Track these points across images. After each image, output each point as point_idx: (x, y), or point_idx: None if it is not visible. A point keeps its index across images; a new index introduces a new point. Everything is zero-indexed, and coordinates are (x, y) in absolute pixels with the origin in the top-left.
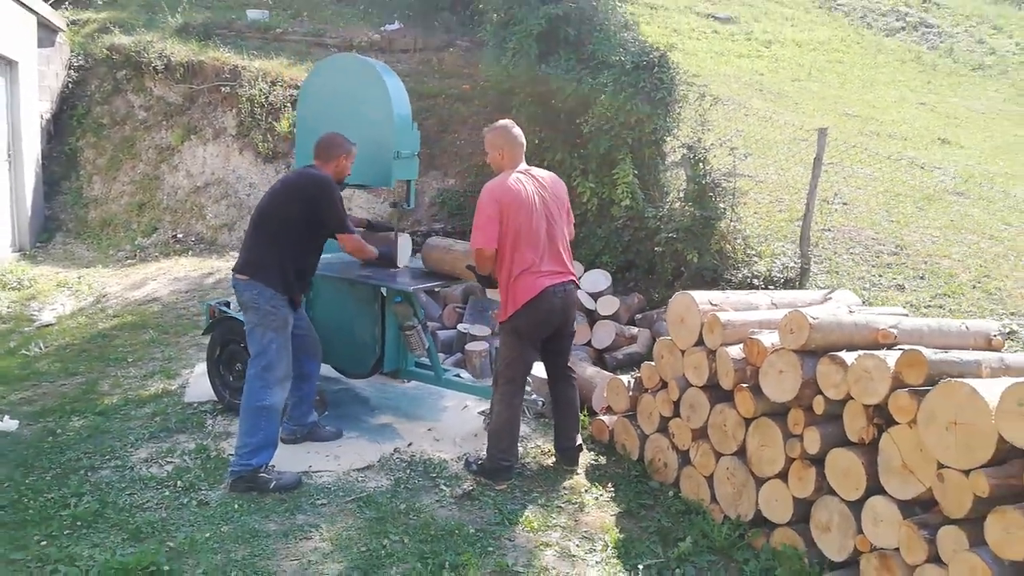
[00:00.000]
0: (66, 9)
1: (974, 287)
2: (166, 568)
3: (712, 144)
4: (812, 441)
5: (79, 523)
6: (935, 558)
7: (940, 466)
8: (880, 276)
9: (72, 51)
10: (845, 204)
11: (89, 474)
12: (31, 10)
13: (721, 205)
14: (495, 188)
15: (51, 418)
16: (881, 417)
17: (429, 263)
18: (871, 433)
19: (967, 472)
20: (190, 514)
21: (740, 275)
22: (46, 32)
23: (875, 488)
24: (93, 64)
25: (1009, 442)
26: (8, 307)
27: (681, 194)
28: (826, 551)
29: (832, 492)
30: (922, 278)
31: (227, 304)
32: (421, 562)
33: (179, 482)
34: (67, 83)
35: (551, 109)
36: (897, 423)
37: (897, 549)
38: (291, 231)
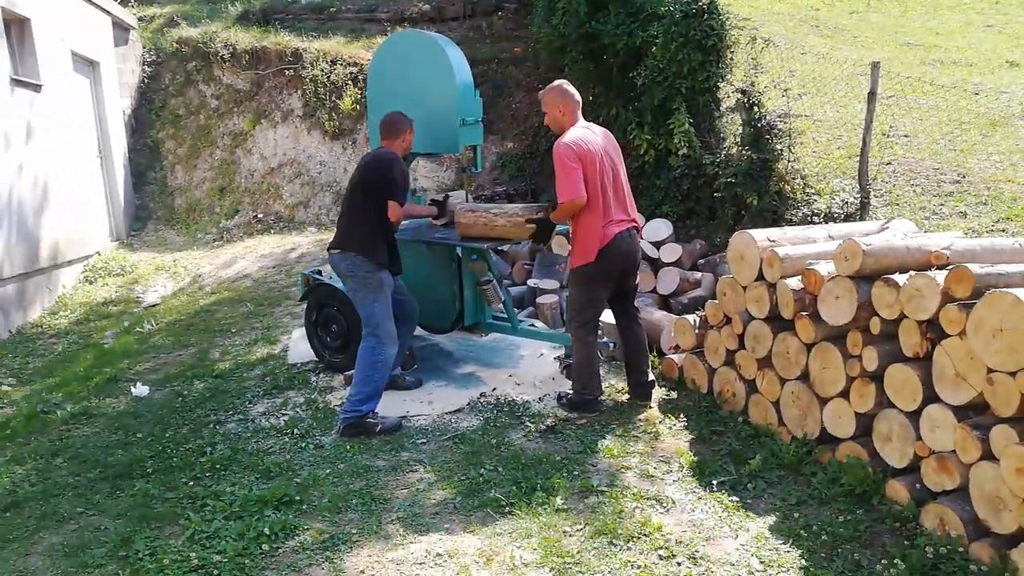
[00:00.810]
0: (132, 6)
1: None
2: (297, 498)
3: (766, 87)
4: (870, 359)
5: (217, 467)
6: (988, 455)
7: (989, 371)
8: (942, 205)
9: (144, 47)
10: (906, 136)
11: (218, 427)
12: (105, 11)
13: (778, 146)
14: (573, 142)
15: (176, 383)
16: (933, 331)
17: (464, 230)
18: (925, 347)
19: (1013, 374)
20: (309, 456)
21: (800, 214)
22: (119, 31)
23: (931, 397)
24: (164, 58)
25: None
26: (116, 292)
27: (737, 139)
28: (888, 459)
29: (891, 405)
30: (985, 204)
31: (319, 272)
32: (516, 486)
33: (295, 430)
34: (142, 78)
35: (603, 65)
36: (948, 335)
37: (953, 451)
38: (369, 205)
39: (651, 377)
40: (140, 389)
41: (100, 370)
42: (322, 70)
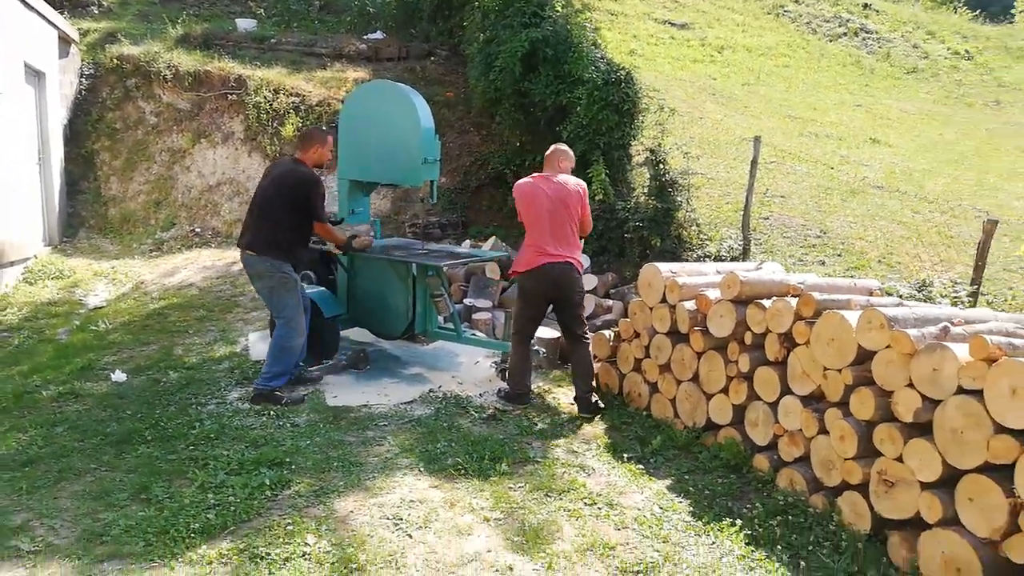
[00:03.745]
0: (66, 17)
1: (879, 262)
2: (287, 460)
3: (670, 147)
4: (744, 363)
5: (209, 436)
6: (823, 430)
7: (825, 369)
8: (806, 254)
9: (82, 60)
10: (782, 196)
11: (200, 408)
12: (53, 24)
13: (678, 198)
14: (517, 185)
15: (150, 372)
16: (788, 342)
17: None
18: (782, 353)
19: (840, 370)
20: (288, 432)
21: (695, 255)
22: (62, 44)
23: (785, 391)
24: (103, 72)
25: (864, 347)
26: (57, 294)
27: (645, 190)
28: (755, 439)
29: (758, 398)
30: (839, 255)
31: None
32: (467, 455)
33: (271, 412)
34: (80, 91)
35: (532, 117)
36: (798, 344)
37: (800, 429)
38: (288, 216)
39: (595, 398)
40: (119, 375)
41: (69, 360)
42: (265, 98)
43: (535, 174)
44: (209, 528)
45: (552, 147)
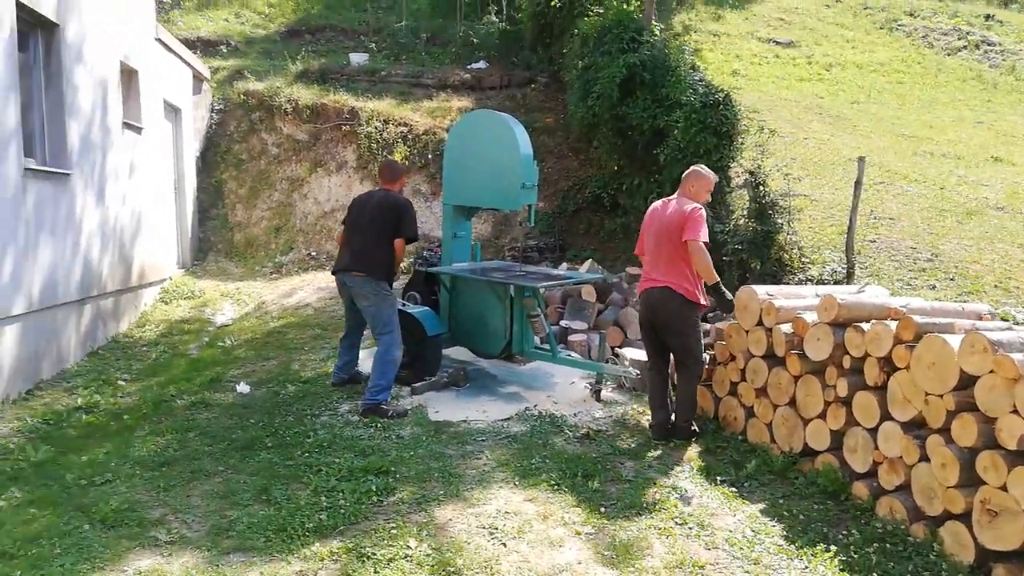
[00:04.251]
0: (198, 56)
1: (996, 286)
2: (392, 470)
3: (771, 169)
4: (842, 387)
5: (322, 445)
6: (924, 457)
7: (926, 394)
8: (915, 278)
9: (213, 96)
10: (891, 219)
11: (314, 419)
12: (188, 64)
13: (779, 221)
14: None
15: (270, 385)
16: (888, 366)
17: None
18: (882, 378)
19: (942, 395)
20: (393, 443)
21: (796, 279)
22: (195, 82)
23: (885, 416)
24: (231, 107)
25: (966, 372)
26: (189, 312)
27: (745, 212)
28: (853, 465)
29: (857, 423)
30: (952, 279)
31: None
32: (560, 472)
33: (378, 424)
34: (210, 124)
35: (629, 141)
36: (898, 368)
37: (900, 456)
38: (385, 237)
39: (693, 426)
40: (243, 387)
41: (200, 373)
42: (375, 128)
43: (667, 197)
44: (322, 528)
45: (689, 168)
